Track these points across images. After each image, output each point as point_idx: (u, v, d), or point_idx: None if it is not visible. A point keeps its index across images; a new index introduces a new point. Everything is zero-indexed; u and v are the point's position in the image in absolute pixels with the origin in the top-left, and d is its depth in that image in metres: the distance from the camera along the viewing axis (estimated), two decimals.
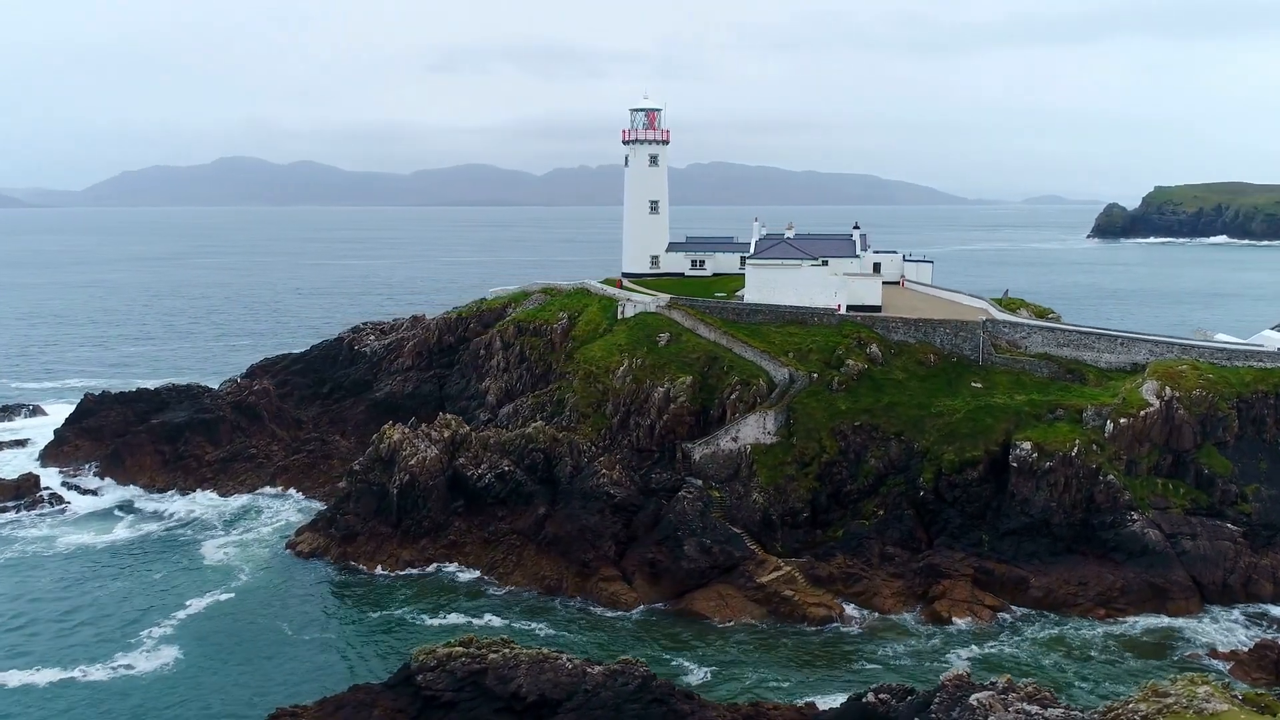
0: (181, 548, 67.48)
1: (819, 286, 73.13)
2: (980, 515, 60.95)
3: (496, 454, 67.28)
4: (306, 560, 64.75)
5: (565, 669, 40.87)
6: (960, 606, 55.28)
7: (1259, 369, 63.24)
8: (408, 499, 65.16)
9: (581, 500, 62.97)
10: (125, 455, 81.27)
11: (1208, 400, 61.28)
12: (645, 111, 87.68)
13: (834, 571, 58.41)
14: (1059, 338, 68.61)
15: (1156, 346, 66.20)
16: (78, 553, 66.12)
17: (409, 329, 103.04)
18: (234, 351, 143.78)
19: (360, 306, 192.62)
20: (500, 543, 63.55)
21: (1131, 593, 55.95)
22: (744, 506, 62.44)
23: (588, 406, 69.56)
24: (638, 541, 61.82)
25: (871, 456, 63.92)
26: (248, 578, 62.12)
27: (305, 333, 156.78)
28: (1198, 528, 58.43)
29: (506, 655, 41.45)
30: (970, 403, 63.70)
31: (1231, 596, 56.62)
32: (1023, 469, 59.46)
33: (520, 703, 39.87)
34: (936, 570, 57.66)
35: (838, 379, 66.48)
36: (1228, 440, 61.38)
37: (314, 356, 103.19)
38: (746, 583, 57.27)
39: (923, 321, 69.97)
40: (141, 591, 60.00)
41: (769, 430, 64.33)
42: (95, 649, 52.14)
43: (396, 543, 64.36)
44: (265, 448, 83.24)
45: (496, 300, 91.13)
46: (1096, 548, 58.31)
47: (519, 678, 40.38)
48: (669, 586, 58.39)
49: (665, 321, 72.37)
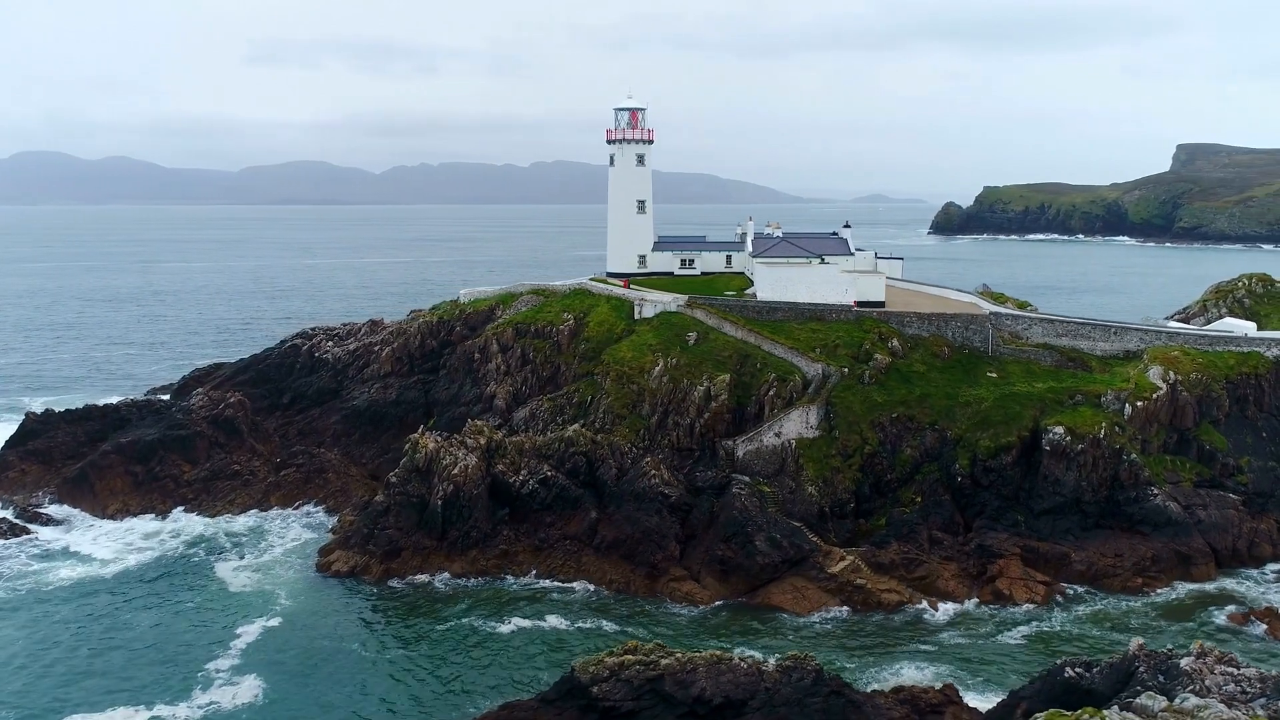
0: (197, 573, 62.76)
1: (830, 283, 75.42)
2: (1014, 497, 64.73)
3: (535, 459, 65.97)
4: (344, 579, 61.52)
5: (741, 669, 40.99)
6: (1018, 585, 58.61)
7: (1238, 353, 70.07)
8: (452, 510, 62.98)
9: (635, 502, 62.69)
10: (93, 478, 74.38)
11: (1203, 382, 67.40)
12: (629, 111, 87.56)
13: (895, 558, 60.60)
14: (1058, 328, 73.59)
15: (1146, 335, 72.15)
16: (86, 586, 60.36)
17: (369, 334, 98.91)
18: (131, 361, 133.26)
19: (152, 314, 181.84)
20: (553, 549, 62.46)
21: (1162, 561, 60.93)
22: (799, 500, 63.84)
23: (623, 408, 69.12)
24: (696, 540, 62.18)
25: (907, 446, 66.67)
26: (290, 601, 58.48)
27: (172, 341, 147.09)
28: (1206, 499, 64.25)
29: (680, 660, 41.16)
30: (995, 391, 67.43)
31: (1240, 559, 62.59)
32: (1055, 451, 63.58)
33: (705, 706, 39.74)
34: (988, 551, 60.89)
35: (868, 373, 68.90)
36: (1220, 418, 67.72)
37: (267, 365, 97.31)
38: (818, 574, 58.69)
39: (935, 316, 73.43)
40: (180, 622, 55.53)
41: (811, 424, 66.00)
42: (169, 687, 48.17)
43: (444, 555, 62.13)
44: (247, 464, 78.08)
45: (481, 302, 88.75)
46: (1123, 522, 63.11)
47: (700, 681, 40.20)
48: (740, 582, 59.07)
49: (690, 321, 72.82)
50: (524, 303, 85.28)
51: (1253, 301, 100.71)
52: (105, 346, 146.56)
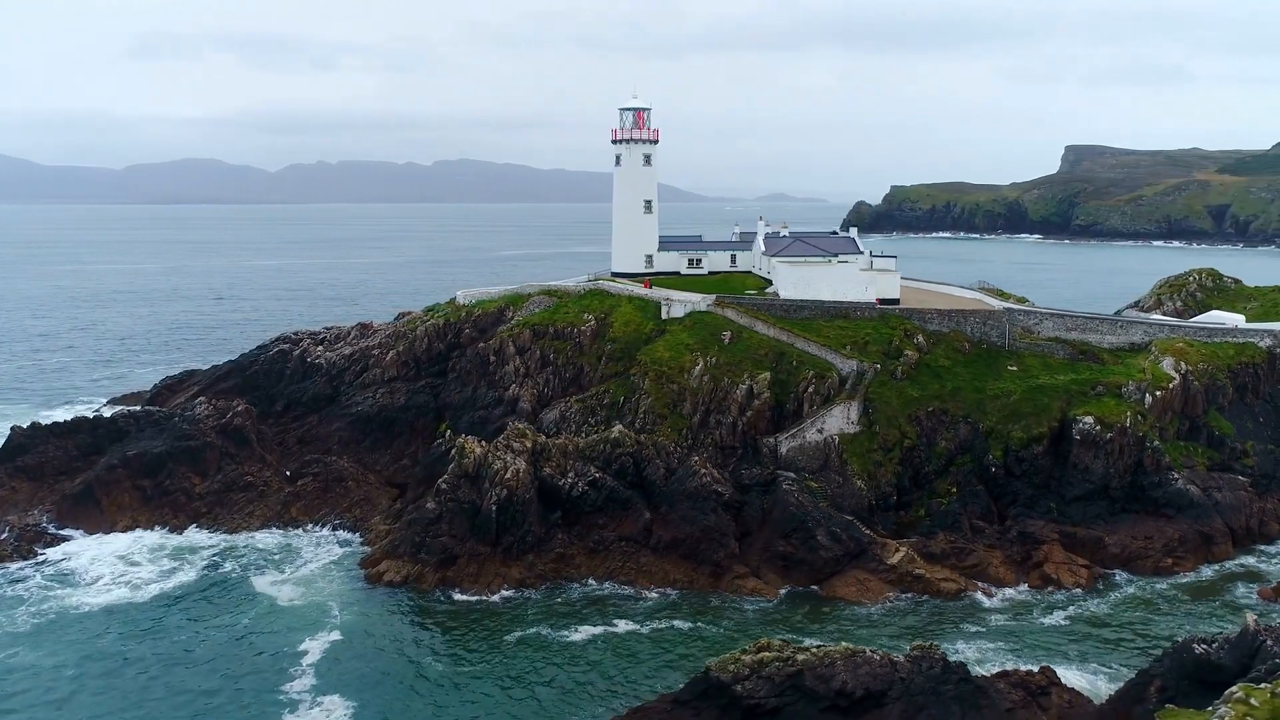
0: (237, 590, 60.18)
1: (851, 281, 77.08)
2: (1045, 485, 67.45)
3: (580, 461, 65.56)
4: (397, 589, 59.96)
5: (875, 661, 41.81)
6: (1063, 569, 61.18)
7: (1235, 344, 74.62)
8: (506, 514, 62.08)
9: (689, 501, 62.93)
10: (100, 493, 70.50)
11: (1209, 372, 71.57)
12: (634, 111, 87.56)
13: (945, 548, 62.48)
14: (1067, 323, 76.92)
15: (1149, 328, 76.05)
16: (124, 610, 57.15)
17: (360, 337, 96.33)
18: (67, 372, 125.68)
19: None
20: (609, 551, 62.23)
21: (1188, 542, 64.42)
22: (848, 494, 65.14)
23: (664, 408, 69.24)
24: (751, 537, 62.86)
25: (941, 439, 68.75)
26: (346, 615, 56.62)
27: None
28: (1219, 482, 68.24)
29: (816, 654, 41.75)
30: (1022, 385, 70.12)
31: (1253, 538, 66.70)
32: (1085, 441, 66.54)
33: (846, 699, 40.39)
34: (1031, 537, 63.35)
35: (900, 368, 70.73)
36: (1224, 405, 71.95)
37: (255, 372, 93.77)
38: (878, 566, 60.09)
39: (954, 312, 75.84)
40: (239, 643, 53.17)
41: (852, 420, 67.43)
42: (254, 712, 46.13)
43: (499, 561, 61.17)
44: (259, 474, 75.22)
45: (488, 303, 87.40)
46: (1148, 506, 66.47)
47: (839, 674, 40.85)
48: (803, 577, 60.03)
49: (722, 320, 73.39)
50: (536, 303, 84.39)
51: (1204, 295, 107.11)
52: (29, 356, 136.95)
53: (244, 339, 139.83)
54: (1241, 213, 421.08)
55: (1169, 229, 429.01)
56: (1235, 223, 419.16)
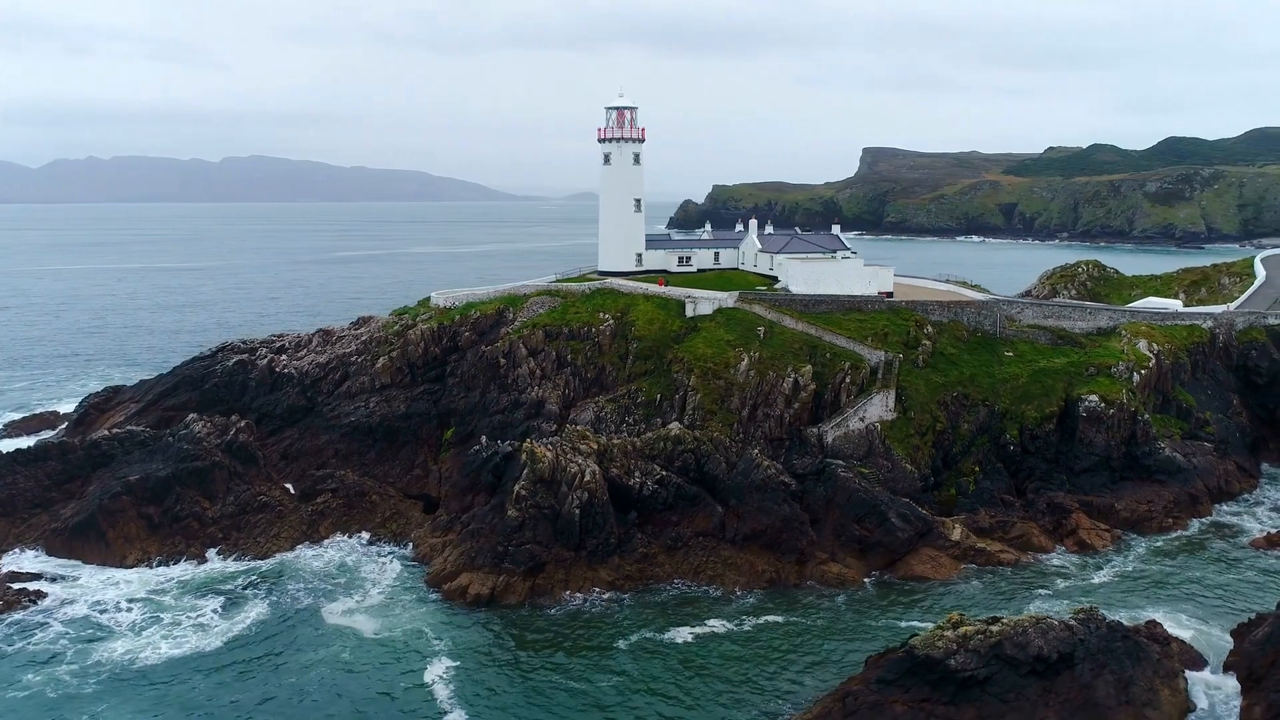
0: (310, 624, 55.55)
1: (856, 277, 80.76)
2: (1055, 460, 73.65)
3: (642, 460, 65.54)
4: (483, 602, 57.79)
5: (1055, 626, 44.99)
6: (1093, 534, 67.25)
7: (1185, 326, 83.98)
8: (588, 518, 61.19)
9: (759, 494, 64.26)
10: (103, 524, 63.42)
11: (1173, 352, 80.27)
12: (619, 110, 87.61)
13: (991, 522, 67.09)
14: (1044, 311, 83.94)
15: (1113, 314, 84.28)
16: (196, 659, 51.60)
17: (323, 344, 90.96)
18: None
19: None
20: (687, 548, 62.63)
21: (1181, 504, 72.23)
22: (899, 477, 68.54)
23: (712, 403, 70.14)
24: (820, 523, 65.01)
25: (964, 422, 73.58)
26: (446, 638, 53.66)
27: None
28: (1193, 448, 76.84)
29: (1009, 624, 44.41)
30: (1027, 368, 76.07)
31: (1223, 495, 75.58)
32: (1090, 417, 73.18)
33: (1043, 663, 43.31)
34: (1060, 508, 69.07)
35: (920, 356, 75.02)
36: (1185, 381, 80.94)
37: (215, 385, 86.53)
38: (944, 543, 63.83)
39: (953, 304, 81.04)
40: (353, 680, 49.49)
41: (890, 407, 70.98)
42: None
43: (585, 565, 60.29)
44: (271, 493, 70.03)
45: (485, 305, 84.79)
46: (1142, 473, 73.92)
47: (1034, 641, 43.72)
48: (879, 558, 62.81)
49: (753, 316, 75.02)
50: (538, 304, 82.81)
51: (1093, 284, 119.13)
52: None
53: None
54: (1027, 210, 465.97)
55: (968, 225, 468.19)
56: (1023, 219, 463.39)
